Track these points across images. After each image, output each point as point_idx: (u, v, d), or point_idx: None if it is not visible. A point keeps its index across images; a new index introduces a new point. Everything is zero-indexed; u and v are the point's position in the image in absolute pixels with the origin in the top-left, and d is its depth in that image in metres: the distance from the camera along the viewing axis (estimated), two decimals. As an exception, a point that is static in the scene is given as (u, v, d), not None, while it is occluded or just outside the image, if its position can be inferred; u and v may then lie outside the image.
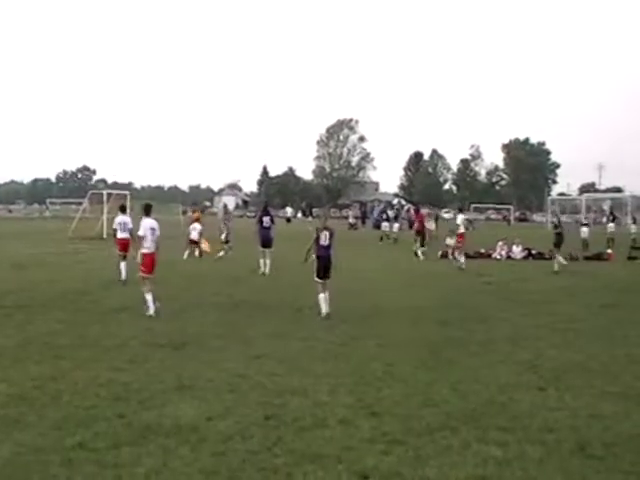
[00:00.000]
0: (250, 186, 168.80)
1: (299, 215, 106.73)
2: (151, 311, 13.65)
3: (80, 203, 55.42)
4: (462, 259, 25.87)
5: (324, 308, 13.77)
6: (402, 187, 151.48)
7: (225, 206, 43.34)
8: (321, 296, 13.84)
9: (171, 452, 6.25)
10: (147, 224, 14.26)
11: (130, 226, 20.15)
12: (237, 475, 5.76)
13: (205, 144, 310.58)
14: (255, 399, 7.93)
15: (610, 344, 11.56)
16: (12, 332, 11.78)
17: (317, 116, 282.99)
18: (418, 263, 26.12)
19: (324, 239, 14.07)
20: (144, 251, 14.17)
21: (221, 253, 27.74)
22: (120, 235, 20.29)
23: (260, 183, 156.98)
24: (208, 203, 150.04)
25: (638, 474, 5.91)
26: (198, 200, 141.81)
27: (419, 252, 29.74)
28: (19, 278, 19.86)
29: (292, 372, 9.24)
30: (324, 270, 13.95)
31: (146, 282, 14.04)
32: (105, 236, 38.24)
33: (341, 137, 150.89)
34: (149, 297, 13.78)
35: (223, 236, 29.01)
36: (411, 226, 37.26)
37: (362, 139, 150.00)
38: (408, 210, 63.45)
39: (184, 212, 67.10)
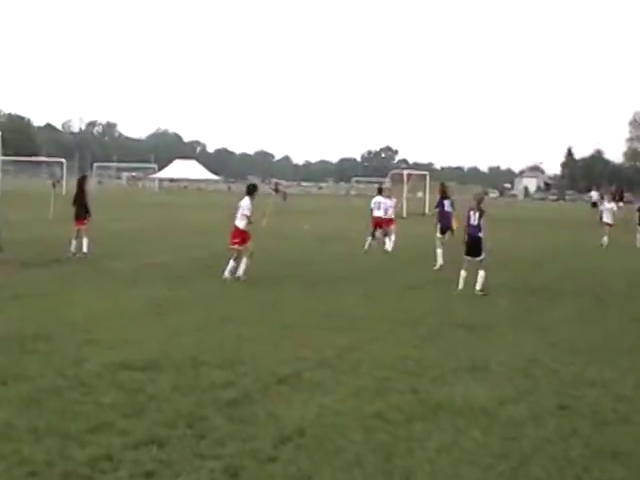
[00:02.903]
0: (553, 168, 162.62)
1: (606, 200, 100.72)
2: (225, 274, 14.44)
3: (382, 182, 57.39)
4: None
5: (461, 284, 14.24)
6: None
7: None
8: (462, 273, 14.30)
9: (462, 431, 6.27)
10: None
11: (386, 205, 21.95)
12: (528, 462, 5.63)
13: (507, 124, 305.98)
14: (549, 387, 7.69)
15: None
16: (315, 301, 12.59)
17: (628, 95, 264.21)
18: None
19: (473, 219, 14.24)
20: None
21: None
22: (375, 213, 21.92)
23: (564, 165, 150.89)
24: (508, 185, 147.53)
25: None
26: (496, 182, 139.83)
27: None
28: (325, 251, 21.13)
29: (591, 362, 8.80)
30: (471, 248, 14.20)
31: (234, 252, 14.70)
32: (405, 215, 39.19)
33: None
34: (230, 262, 14.52)
35: None
36: None
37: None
38: None
39: (485, 193, 66.75)
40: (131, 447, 5.57)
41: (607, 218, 28.05)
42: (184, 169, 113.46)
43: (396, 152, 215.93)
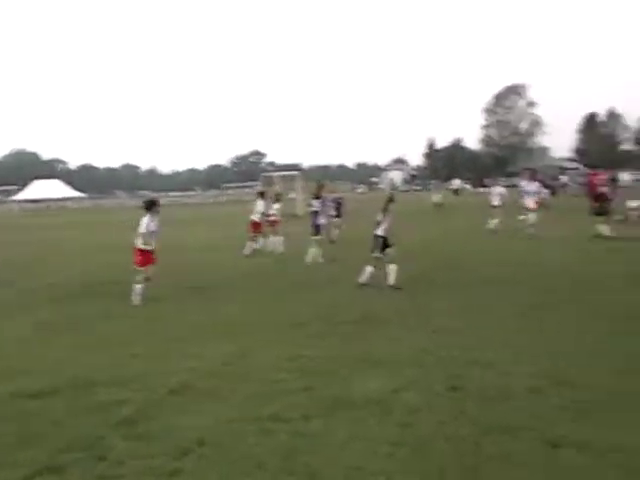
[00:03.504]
0: (417, 159, 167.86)
1: (467, 186, 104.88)
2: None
3: (252, 187, 57.54)
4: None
5: (390, 280, 14.21)
6: (576, 151, 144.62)
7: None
8: (368, 268, 14.44)
9: (360, 423, 6.43)
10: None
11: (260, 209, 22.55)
12: (425, 445, 5.85)
13: (371, 121, 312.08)
14: (438, 371, 7.98)
15: None
16: (201, 312, 12.48)
17: (484, 84, 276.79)
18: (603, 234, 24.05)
19: (379, 217, 14.59)
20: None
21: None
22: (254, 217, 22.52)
23: (427, 156, 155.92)
24: (375, 179, 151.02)
25: None
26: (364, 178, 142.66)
27: (600, 228, 23.78)
28: (204, 261, 20.96)
29: (473, 345, 9.19)
30: (374, 245, 14.55)
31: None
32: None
33: (509, 104, 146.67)
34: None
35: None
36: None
37: (531, 104, 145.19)
38: (585, 175, 60.47)
39: (392, 194, 67.61)
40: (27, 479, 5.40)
41: (496, 201, 29.07)
42: (46, 189, 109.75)
43: (264, 155, 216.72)
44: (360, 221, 28.11)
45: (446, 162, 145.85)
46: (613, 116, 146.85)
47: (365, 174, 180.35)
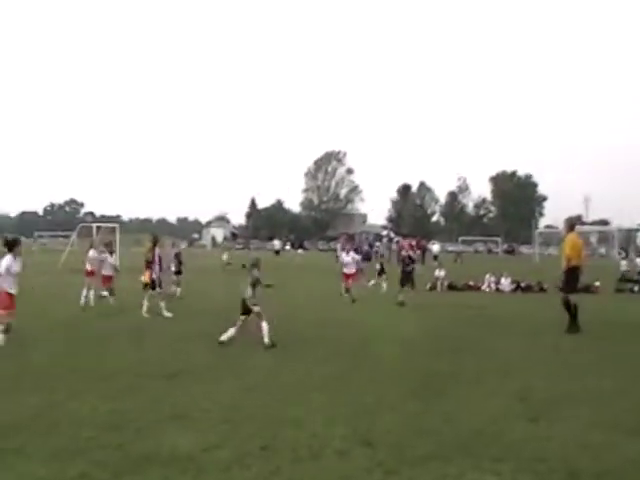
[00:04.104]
0: (239, 218, 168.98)
1: (287, 247, 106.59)
2: None
3: (68, 236, 55.70)
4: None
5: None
6: (390, 219, 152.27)
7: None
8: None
9: (171, 481, 6.34)
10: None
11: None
12: (236, 503, 5.86)
13: (193, 176, 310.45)
14: (250, 430, 8.00)
15: (598, 376, 11.69)
16: (6, 362, 11.84)
17: (305, 148, 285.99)
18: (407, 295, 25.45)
19: None
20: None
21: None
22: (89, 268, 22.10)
23: (248, 215, 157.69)
24: (196, 235, 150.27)
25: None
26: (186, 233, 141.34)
27: (399, 296, 24.16)
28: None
29: (286, 404, 9.30)
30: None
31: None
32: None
33: (329, 169, 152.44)
34: None
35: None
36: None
37: (350, 171, 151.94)
38: (397, 242, 63.45)
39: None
40: None
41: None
42: None
43: (82, 205, 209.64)
44: (189, 276, 27.91)
45: (267, 222, 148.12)
46: (424, 188, 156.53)
47: (187, 229, 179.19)
